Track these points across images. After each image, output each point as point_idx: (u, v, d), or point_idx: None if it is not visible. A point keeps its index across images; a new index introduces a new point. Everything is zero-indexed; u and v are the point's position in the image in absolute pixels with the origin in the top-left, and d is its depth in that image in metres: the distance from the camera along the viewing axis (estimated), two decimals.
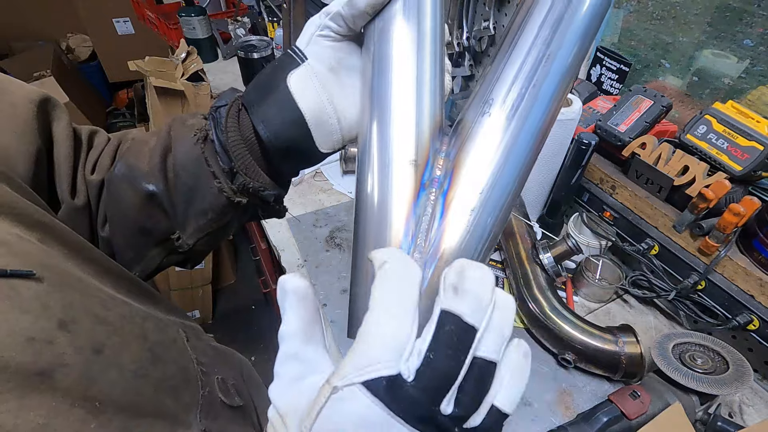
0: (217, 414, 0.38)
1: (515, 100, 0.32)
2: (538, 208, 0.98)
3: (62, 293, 0.29)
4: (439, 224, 0.31)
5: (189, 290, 1.91)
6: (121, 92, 3.13)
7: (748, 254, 0.69)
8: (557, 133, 0.83)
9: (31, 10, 2.93)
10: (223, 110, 0.39)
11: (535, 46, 0.31)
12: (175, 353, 0.37)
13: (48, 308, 0.27)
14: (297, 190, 1.12)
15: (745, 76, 0.84)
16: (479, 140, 0.32)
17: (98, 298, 0.31)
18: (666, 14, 0.93)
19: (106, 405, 0.28)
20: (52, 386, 0.25)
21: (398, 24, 0.34)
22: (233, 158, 0.39)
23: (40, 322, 0.26)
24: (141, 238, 0.43)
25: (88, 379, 0.27)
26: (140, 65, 1.37)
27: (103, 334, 0.30)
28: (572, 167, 0.83)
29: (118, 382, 0.29)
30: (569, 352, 0.72)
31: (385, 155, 0.33)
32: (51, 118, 0.39)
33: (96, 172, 0.41)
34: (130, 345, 0.32)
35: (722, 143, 0.72)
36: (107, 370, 0.29)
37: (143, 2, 1.98)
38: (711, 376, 0.61)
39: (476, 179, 0.32)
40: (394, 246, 0.30)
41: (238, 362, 0.49)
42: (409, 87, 0.34)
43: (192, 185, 0.40)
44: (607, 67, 0.96)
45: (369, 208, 0.33)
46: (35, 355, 0.25)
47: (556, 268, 0.80)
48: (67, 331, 0.27)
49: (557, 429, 0.64)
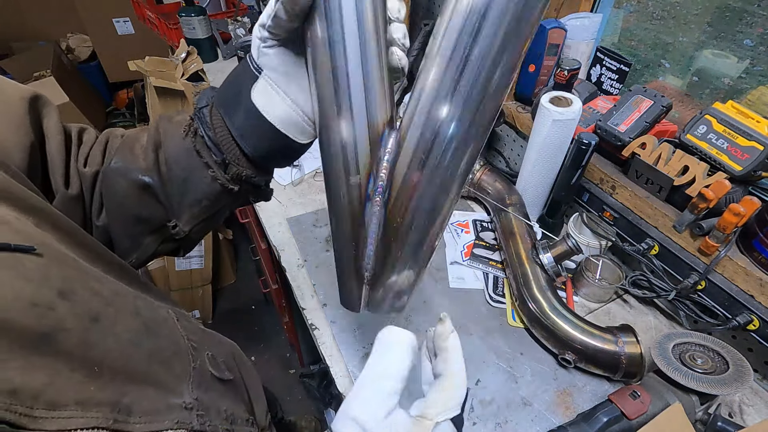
0: (208, 386, 0.40)
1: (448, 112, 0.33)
2: (538, 208, 0.98)
3: (60, 268, 0.31)
4: (383, 234, 0.37)
5: (189, 290, 1.91)
6: (121, 92, 3.13)
7: (748, 254, 0.70)
8: (557, 133, 0.83)
9: (31, 10, 2.93)
10: (206, 110, 0.43)
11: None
12: (166, 329, 0.39)
13: (48, 279, 0.29)
14: (297, 190, 1.12)
15: (745, 76, 0.84)
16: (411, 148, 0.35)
17: (92, 276, 0.33)
18: (666, 14, 0.93)
19: (103, 370, 0.30)
20: (54, 349, 0.27)
21: (318, 27, 0.34)
22: (224, 151, 0.42)
23: (42, 290, 0.28)
24: (137, 226, 0.46)
25: (87, 344, 0.29)
26: (140, 65, 1.37)
27: (98, 304, 0.32)
28: (572, 167, 0.83)
29: (114, 349, 0.31)
30: (569, 352, 0.72)
31: (331, 173, 0.38)
32: (42, 114, 0.41)
33: (88, 165, 0.44)
34: (124, 317, 0.34)
35: (722, 143, 0.72)
36: (104, 337, 0.31)
37: (143, 2, 1.98)
38: (711, 376, 0.61)
39: (410, 194, 0.36)
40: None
41: (228, 344, 0.52)
42: (342, 96, 0.35)
43: (185, 177, 0.43)
44: (607, 67, 0.96)
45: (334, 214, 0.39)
46: (38, 319, 0.27)
47: (556, 268, 0.80)
48: (67, 299, 0.29)
49: (557, 429, 0.64)
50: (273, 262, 1.40)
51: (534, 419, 0.68)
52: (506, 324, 0.82)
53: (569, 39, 0.97)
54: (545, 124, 0.82)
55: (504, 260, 0.91)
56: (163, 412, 0.33)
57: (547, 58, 0.97)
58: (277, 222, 1.03)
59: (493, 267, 0.92)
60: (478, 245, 0.97)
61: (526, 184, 0.95)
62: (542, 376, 0.74)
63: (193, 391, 0.37)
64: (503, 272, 0.91)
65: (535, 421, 0.68)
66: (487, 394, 0.71)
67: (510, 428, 0.67)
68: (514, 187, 0.99)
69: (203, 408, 0.37)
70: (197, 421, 0.36)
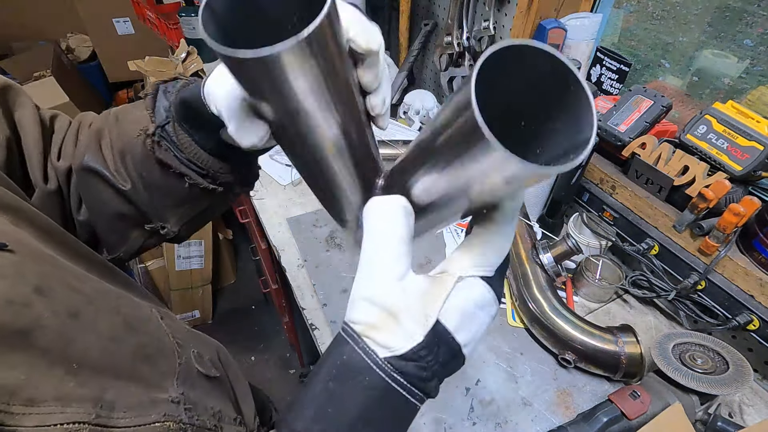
0: (194, 383, 0.39)
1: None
2: (538, 208, 0.98)
3: (36, 265, 0.30)
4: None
5: (189, 290, 1.91)
6: (121, 92, 3.13)
7: (748, 254, 0.70)
8: None
9: (31, 10, 2.93)
10: (169, 128, 0.41)
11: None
12: (150, 327, 0.38)
13: (23, 276, 0.28)
14: (297, 190, 1.12)
15: (745, 76, 0.84)
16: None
17: (71, 273, 0.33)
18: (666, 14, 0.93)
19: (83, 366, 0.29)
20: (31, 345, 0.27)
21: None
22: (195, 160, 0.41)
23: (17, 287, 0.27)
24: (122, 222, 0.45)
25: (65, 341, 0.29)
26: (140, 65, 1.37)
27: (78, 301, 0.31)
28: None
29: (94, 346, 0.31)
30: (569, 352, 0.72)
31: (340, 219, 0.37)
32: (13, 105, 0.40)
33: (62, 158, 0.42)
34: (106, 314, 0.33)
35: (722, 143, 0.72)
36: (84, 334, 0.30)
37: (143, 2, 1.98)
38: (711, 376, 0.61)
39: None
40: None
41: (213, 344, 0.51)
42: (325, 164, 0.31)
43: (161, 183, 0.42)
44: (607, 67, 0.96)
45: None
46: (14, 316, 0.26)
47: (556, 268, 0.80)
48: (43, 296, 0.28)
49: (557, 429, 0.64)
50: (273, 262, 1.40)
51: (534, 419, 0.68)
52: (506, 324, 0.82)
53: (569, 39, 0.97)
54: None
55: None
56: (148, 406, 0.33)
57: None
58: (277, 222, 1.03)
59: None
60: None
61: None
62: (542, 376, 0.74)
63: (178, 388, 0.37)
64: None
65: (535, 421, 0.68)
66: (487, 394, 0.71)
67: (510, 428, 0.67)
68: None
69: (191, 403, 0.37)
70: (185, 415, 0.35)
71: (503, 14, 1.03)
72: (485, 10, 1.02)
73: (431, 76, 1.41)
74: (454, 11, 1.07)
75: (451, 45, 1.12)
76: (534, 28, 0.96)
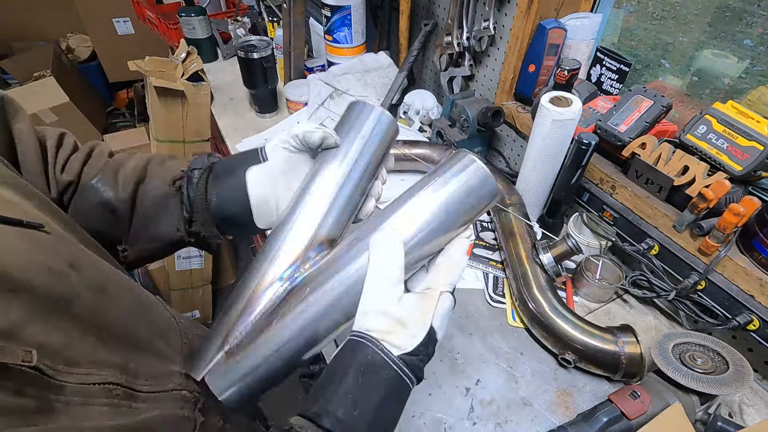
0: None
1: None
2: (538, 208, 0.98)
3: (66, 244, 0.34)
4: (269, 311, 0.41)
5: (189, 290, 1.91)
6: (121, 92, 3.13)
7: (748, 254, 0.70)
8: (557, 133, 0.83)
9: (31, 10, 2.93)
10: (197, 172, 0.47)
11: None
12: (158, 308, 0.43)
13: (58, 252, 0.32)
14: None
15: (745, 76, 0.84)
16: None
17: (92, 255, 0.36)
18: (666, 14, 0.93)
19: (111, 336, 0.33)
20: (69, 313, 0.30)
21: (330, 164, 0.45)
22: (195, 210, 0.47)
23: (55, 260, 0.30)
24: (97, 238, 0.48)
25: (96, 312, 0.32)
26: (140, 65, 1.37)
27: (103, 279, 0.35)
28: (572, 167, 0.83)
29: (119, 318, 0.34)
30: (569, 352, 0.72)
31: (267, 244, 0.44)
32: (7, 115, 0.42)
33: (66, 173, 0.45)
34: (125, 293, 0.37)
35: (722, 143, 0.72)
36: (110, 307, 0.34)
37: (143, 2, 1.98)
38: (711, 376, 0.61)
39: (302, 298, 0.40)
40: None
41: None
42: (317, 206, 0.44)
43: (153, 214, 0.47)
44: (607, 67, 0.96)
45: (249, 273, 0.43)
46: (54, 283, 0.29)
47: (556, 268, 0.80)
48: (76, 271, 0.32)
49: (557, 429, 0.64)
50: None
51: (534, 419, 0.68)
52: (506, 324, 0.82)
53: (569, 39, 0.97)
54: (545, 124, 0.82)
55: (504, 260, 0.91)
56: (166, 376, 0.37)
57: (547, 58, 0.97)
58: None
59: (493, 267, 0.92)
60: (478, 245, 0.97)
61: (526, 184, 0.95)
62: (542, 376, 0.74)
63: (184, 365, 0.40)
64: (503, 272, 0.91)
65: (535, 421, 0.68)
66: (487, 394, 0.71)
67: (510, 428, 0.67)
68: (514, 187, 0.99)
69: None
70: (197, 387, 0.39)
71: (503, 14, 1.03)
72: (485, 10, 1.02)
73: (431, 76, 1.41)
74: (454, 11, 1.07)
75: (451, 45, 1.12)
76: (534, 28, 0.96)
